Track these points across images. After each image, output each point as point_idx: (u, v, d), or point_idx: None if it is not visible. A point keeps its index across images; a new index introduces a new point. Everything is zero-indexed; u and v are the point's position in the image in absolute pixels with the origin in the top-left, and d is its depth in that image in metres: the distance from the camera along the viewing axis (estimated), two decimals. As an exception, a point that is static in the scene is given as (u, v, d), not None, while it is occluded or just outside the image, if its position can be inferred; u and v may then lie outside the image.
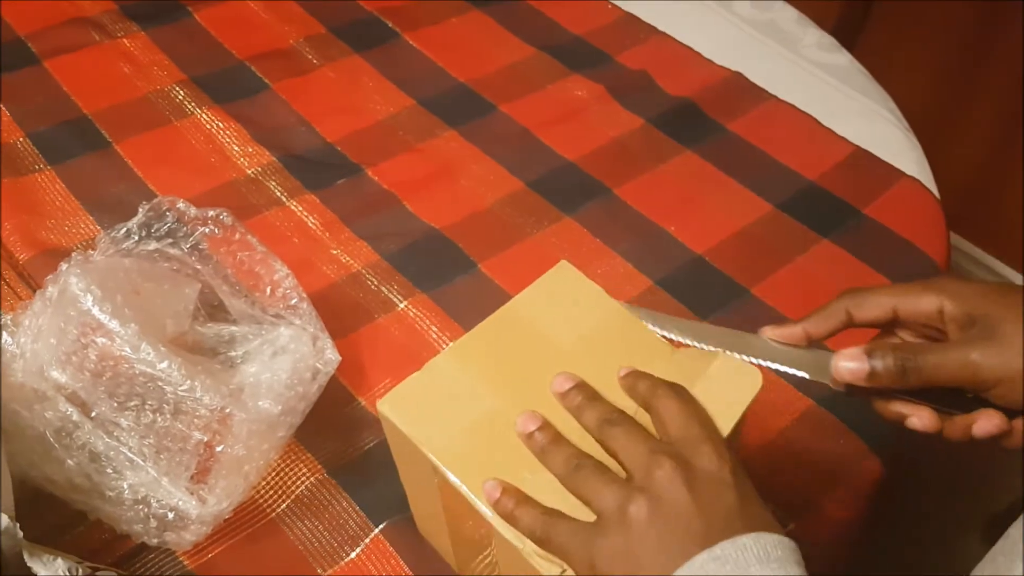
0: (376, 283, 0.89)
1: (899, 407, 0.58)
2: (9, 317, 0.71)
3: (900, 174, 1.03)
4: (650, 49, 1.20)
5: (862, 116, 1.12)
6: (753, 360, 0.60)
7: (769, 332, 0.60)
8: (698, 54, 1.19)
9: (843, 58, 1.21)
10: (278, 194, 0.96)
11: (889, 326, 0.60)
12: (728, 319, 0.88)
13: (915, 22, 1.68)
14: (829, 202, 1.00)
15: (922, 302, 0.57)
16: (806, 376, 0.59)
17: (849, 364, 0.56)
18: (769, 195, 1.00)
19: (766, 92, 1.14)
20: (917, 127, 1.13)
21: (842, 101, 1.14)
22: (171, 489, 0.65)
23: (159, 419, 0.65)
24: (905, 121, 1.13)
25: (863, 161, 1.05)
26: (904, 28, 1.69)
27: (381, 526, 0.71)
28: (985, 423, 0.56)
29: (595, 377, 0.57)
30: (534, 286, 0.63)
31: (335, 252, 0.91)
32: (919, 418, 0.57)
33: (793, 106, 1.12)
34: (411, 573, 0.68)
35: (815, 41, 1.24)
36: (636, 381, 0.56)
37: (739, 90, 1.15)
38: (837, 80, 1.17)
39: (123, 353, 0.64)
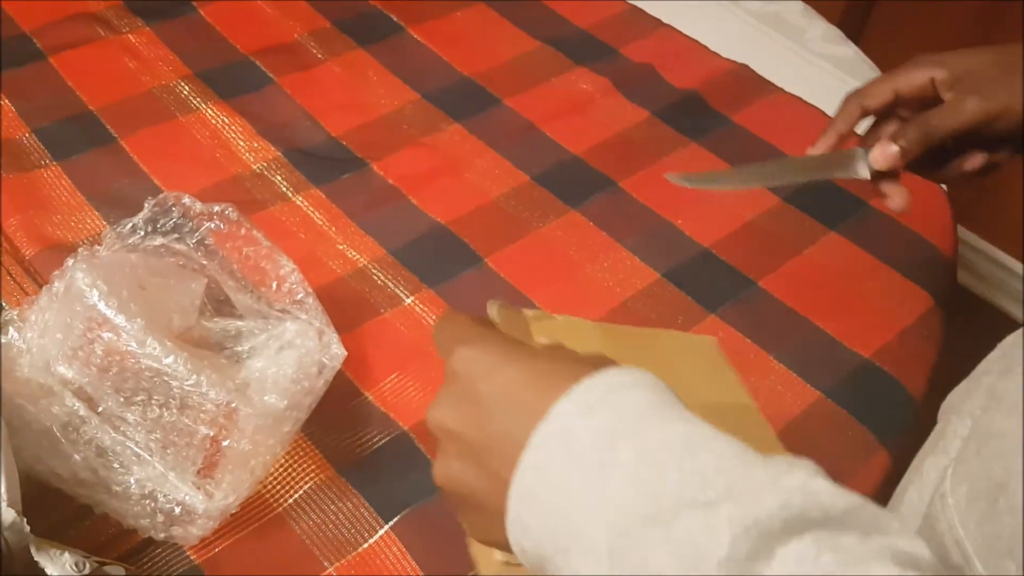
0: (382, 278, 0.88)
1: (886, 187, 0.71)
2: (15, 312, 0.71)
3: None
4: (655, 42, 1.20)
5: (868, 108, 1.11)
6: (800, 180, 0.77)
7: (811, 151, 0.72)
8: (703, 46, 1.19)
9: (849, 50, 1.21)
10: (283, 189, 0.96)
11: (893, 108, 0.72)
12: (736, 312, 0.88)
13: (919, 15, 1.67)
14: (836, 194, 1.00)
15: (914, 77, 0.69)
16: (851, 174, 0.71)
17: (885, 151, 0.68)
18: (776, 187, 1.00)
19: (772, 84, 1.14)
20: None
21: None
22: (178, 484, 0.65)
23: (165, 414, 0.65)
24: (912, 113, 1.13)
25: (869, 153, 1.05)
26: (908, 21, 1.68)
27: (391, 522, 0.71)
28: (971, 160, 0.71)
29: None
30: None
31: (341, 247, 0.91)
32: (897, 197, 0.71)
33: (799, 98, 1.12)
34: (419, 571, 0.68)
35: (821, 33, 1.23)
36: None
37: (744, 82, 1.14)
38: (843, 72, 1.17)
39: (129, 348, 0.64)
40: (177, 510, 0.65)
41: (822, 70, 1.17)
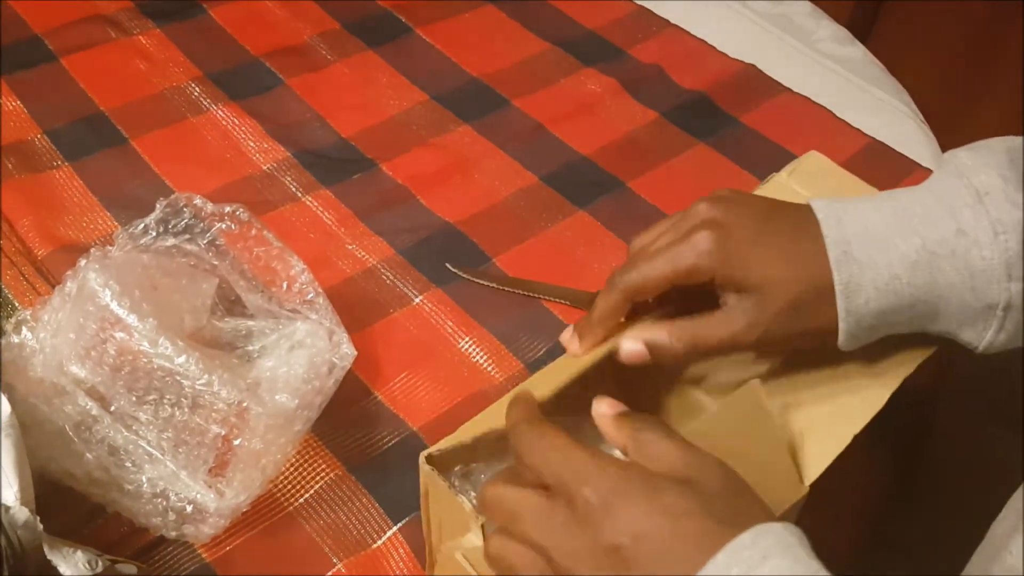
0: (391, 278, 0.89)
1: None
2: (28, 312, 0.71)
3: (915, 166, 1.03)
4: (663, 43, 1.20)
5: (876, 109, 1.11)
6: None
7: (572, 349, 0.60)
8: (711, 47, 1.19)
9: (857, 51, 1.21)
10: (293, 189, 0.97)
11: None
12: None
13: (927, 16, 1.67)
14: (844, 195, 1.00)
15: (696, 277, 0.56)
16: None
17: (629, 347, 0.58)
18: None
19: (780, 85, 1.14)
20: (931, 120, 1.13)
21: (856, 94, 1.14)
22: (189, 482, 0.66)
23: (177, 413, 0.65)
24: (920, 113, 1.13)
25: (878, 153, 1.05)
26: (916, 21, 1.68)
27: (399, 523, 0.71)
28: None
29: None
30: None
31: (350, 247, 0.91)
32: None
33: (807, 98, 1.12)
34: (425, 572, 0.69)
35: (829, 34, 1.23)
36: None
37: (753, 83, 1.14)
38: (851, 73, 1.17)
39: (141, 348, 0.65)
40: (189, 508, 0.65)
41: (830, 71, 1.17)
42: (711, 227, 0.56)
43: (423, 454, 0.56)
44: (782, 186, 0.71)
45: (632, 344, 0.57)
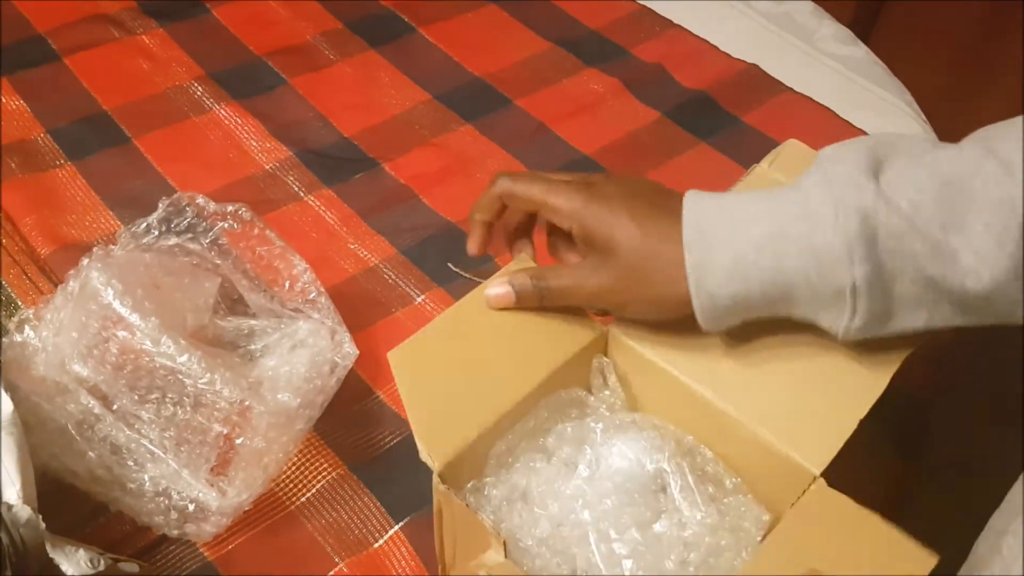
0: (393, 277, 0.89)
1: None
2: (31, 311, 0.72)
3: (917, 166, 1.03)
4: (665, 42, 1.20)
5: (878, 108, 1.11)
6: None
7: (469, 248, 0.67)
8: (713, 47, 1.19)
9: (859, 50, 1.21)
10: (296, 189, 0.97)
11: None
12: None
13: (928, 15, 1.67)
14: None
15: (558, 218, 0.61)
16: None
17: (495, 291, 0.62)
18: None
19: (782, 84, 1.14)
20: (932, 119, 1.13)
21: (858, 93, 1.14)
22: (191, 481, 0.66)
23: (179, 412, 0.66)
24: (922, 113, 1.13)
25: (879, 153, 1.05)
26: (917, 21, 1.68)
27: (401, 523, 0.71)
28: None
29: None
30: None
31: (352, 246, 0.92)
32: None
33: (809, 98, 1.12)
34: (426, 571, 0.69)
35: (831, 33, 1.23)
36: None
37: (755, 82, 1.14)
38: (853, 72, 1.17)
39: (144, 346, 0.65)
40: (191, 507, 0.65)
41: (832, 70, 1.17)
42: (587, 186, 0.60)
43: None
44: (764, 176, 0.71)
45: (495, 288, 0.62)
